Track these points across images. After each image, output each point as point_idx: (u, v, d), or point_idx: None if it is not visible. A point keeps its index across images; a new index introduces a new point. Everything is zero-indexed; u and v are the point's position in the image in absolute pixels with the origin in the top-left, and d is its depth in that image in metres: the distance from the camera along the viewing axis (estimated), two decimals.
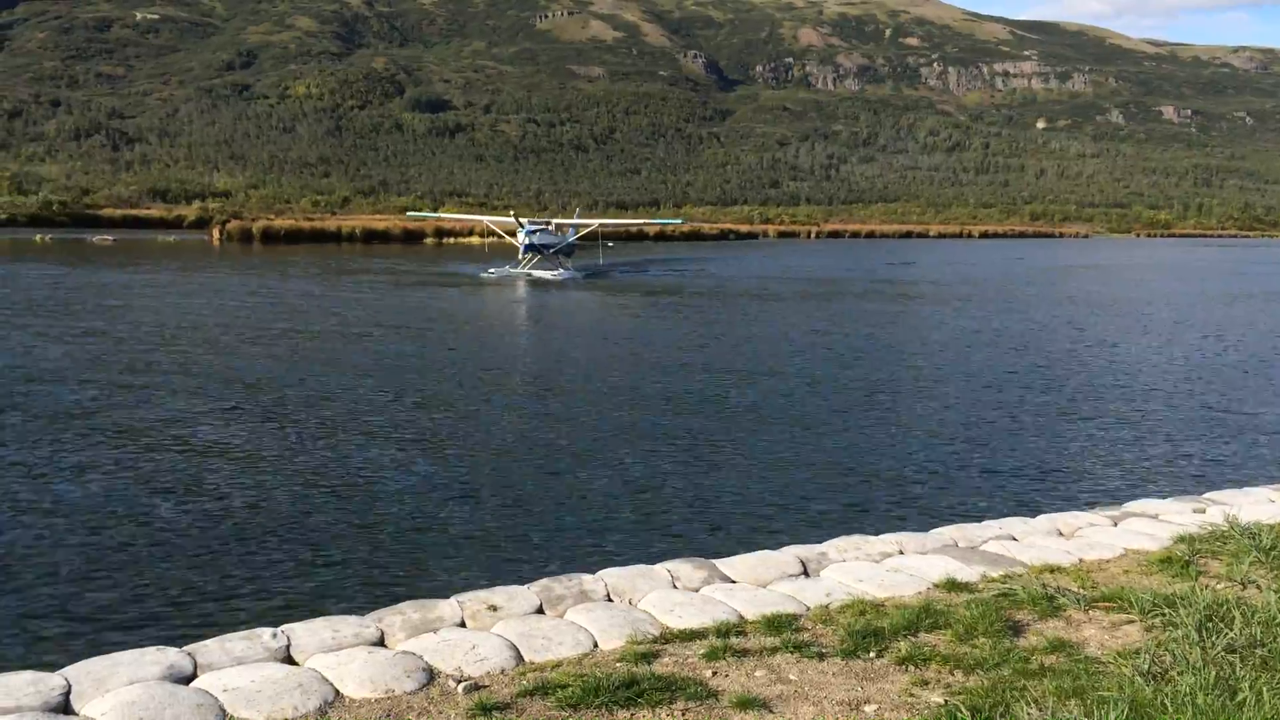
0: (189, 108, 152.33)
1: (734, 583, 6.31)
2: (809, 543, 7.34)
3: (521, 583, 6.18)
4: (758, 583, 6.31)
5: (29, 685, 4.48)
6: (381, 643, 5.20)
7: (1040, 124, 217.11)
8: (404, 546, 9.11)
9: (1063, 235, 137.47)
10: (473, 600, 5.76)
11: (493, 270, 44.45)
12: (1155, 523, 7.90)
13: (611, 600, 5.93)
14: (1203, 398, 17.73)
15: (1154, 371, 20.80)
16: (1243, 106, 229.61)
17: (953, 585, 6.25)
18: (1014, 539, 7.40)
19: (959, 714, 4.26)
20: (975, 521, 8.13)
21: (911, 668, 4.96)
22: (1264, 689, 4.37)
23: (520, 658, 5.06)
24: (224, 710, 4.39)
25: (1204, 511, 8.18)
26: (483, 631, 5.37)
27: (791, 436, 13.87)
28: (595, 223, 49.44)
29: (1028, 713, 4.25)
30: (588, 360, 21.15)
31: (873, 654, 5.14)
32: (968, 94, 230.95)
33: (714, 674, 4.87)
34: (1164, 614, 5.48)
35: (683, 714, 4.45)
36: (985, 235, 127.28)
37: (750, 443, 13.41)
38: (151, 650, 4.92)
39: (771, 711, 4.49)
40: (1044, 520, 8.02)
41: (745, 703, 4.54)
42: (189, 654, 4.90)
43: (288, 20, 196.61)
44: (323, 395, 16.10)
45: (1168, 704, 4.28)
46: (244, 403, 15.32)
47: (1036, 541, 7.35)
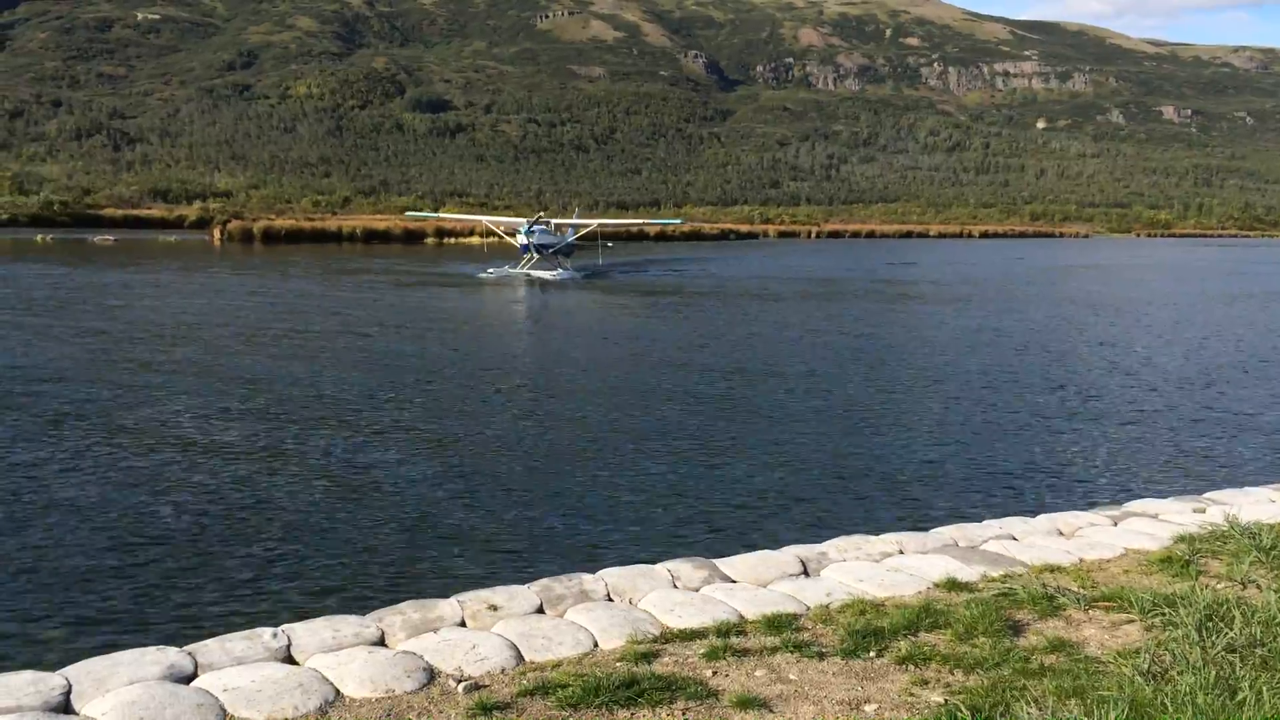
0: (190, 108, 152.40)
1: (734, 582, 6.31)
2: (809, 542, 7.35)
3: (522, 582, 6.19)
4: (758, 582, 6.32)
5: (29, 685, 4.49)
6: (382, 642, 5.21)
7: (1040, 124, 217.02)
8: (404, 546, 9.11)
9: (1063, 235, 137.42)
10: (473, 600, 5.77)
11: (491, 270, 44.43)
12: (1155, 522, 7.90)
13: (612, 600, 5.94)
14: (1203, 398, 17.73)
15: (1154, 371, 20.80)
16: (1243, 106, 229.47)
17: (953, 585, 6.25)
18: (1014, 539, 7.40)
19: (959, 713, 4.26)
20: (975, 521, 8.14)
21: (911, 667, 4.97)
22: (1264, 689, 4.37)
23: (520, 657, 5.07)
24: (224, 710, 4.39)
25: (1204, 511, 8.18)
26: (483, 631, 5.37)
27: (792, 436, 13.87)
28: (594, 223, 49.35)
29: (1028, 712, 4.25)
30: (587, 360, 21.15)
31: (873, 653, 5.14)
32: (968, 94, 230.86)
33: (714, 674, 4.88)
34: (1164, 614, 5.48)
35: (683, 714, 4.45)
36: (985, 235, 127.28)
37: (751, 442, 13.41)
38: (152, 650, 4.93)
39: (772, 711, 4.50)
40: (1044, 520, 8.02)
41: (745, 702, 4.54)
42: (189, 654, 4.90)
43: (288, 20, 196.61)
44: (322, 395, 16.11)
45: (1168, 704, 4.29)
46: (244, 402, 15.32)
47: (1036, 541, 7.35)
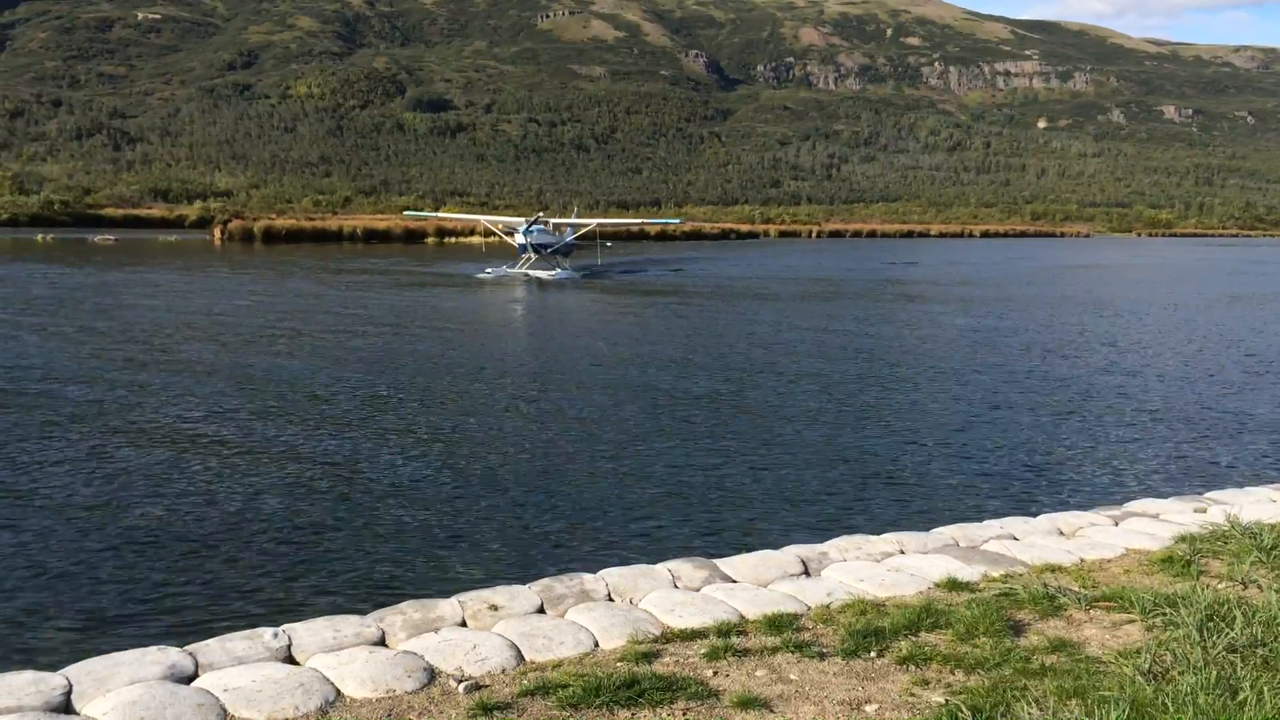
0: (190, 107, 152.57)
1: (735, 582, 6.31)
2: (810, 542, 7.34)
3: (522, 582, 6.18)
4: (758, 582, 6.31)
5: (30, 685, 4.48)
6: (382, 642, 5.20)
7: (1041, 123, 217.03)
8: (404, 546, 9.10)
9: (1064, 235, 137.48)
10: (474, 600, 5.76)
11: (490, 270, 44.42)
12: (1156, 522, 7.89)
13: (612, 600, 5.93)
14: (1203, 398, 17.72)
15: (1154, 371, 20.79)
16: (1244, 106, 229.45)
17: (953, 585, 6.24)
18: (1015, 539, 7.40)
19: (960, 714, 4.26)
20: (976, 521, 8.12)
21: (912, 667, 4.96)
22: (1265, 688, 4.37)
23: (521, 657, 5.06)
24: (225, 710, 4.39)
25: (1205, 511, 8.17)
26: (484, 631, 5.37)
27: (792, 436, 13.87)
28: (593, 222, 49.31)
29: (1028, 712, 4.25)
30: (586, 360, 21.14)
31: (873, 654, 5.14)
32: (969, 93, 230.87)
33: (715, 674, 4.87)
34: (1165, 614, 5.47)
35: (683, 714, 4.45)
36: (986, 235, 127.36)
37: (751, 442, 13.41)
38: (153, 650, 4.93)
39: (772, 711, 4.49)
40: (1045, 520, 8.01)
41: (746, 702, 4.54)
42: (190, 654, 4.90)
43: (289, 20, 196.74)
44: (322, 394, 16.11)
45: (1169, 704, 4.28)
46: (243, 401, 15.32)
47: (1037, 541, 7.34)
